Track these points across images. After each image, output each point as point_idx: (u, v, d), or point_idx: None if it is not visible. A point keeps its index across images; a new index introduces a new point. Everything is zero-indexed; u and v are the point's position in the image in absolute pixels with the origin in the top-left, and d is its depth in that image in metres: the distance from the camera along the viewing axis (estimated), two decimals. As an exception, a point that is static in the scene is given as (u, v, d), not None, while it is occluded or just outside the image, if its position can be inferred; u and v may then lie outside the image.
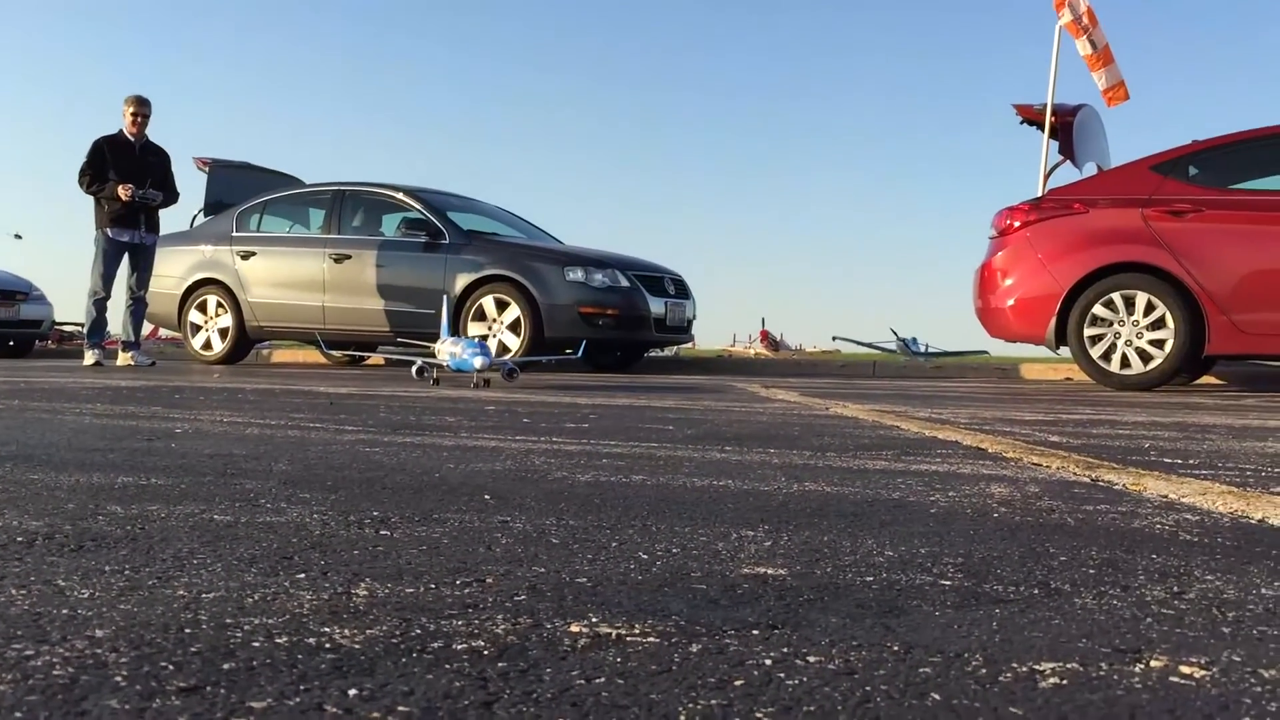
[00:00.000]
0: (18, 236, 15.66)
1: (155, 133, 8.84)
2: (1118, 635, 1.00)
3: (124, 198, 8.44)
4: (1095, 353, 6.68)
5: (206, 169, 10.35)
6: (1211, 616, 1.08)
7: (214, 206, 10.19)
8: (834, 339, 15.34)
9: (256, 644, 0.92)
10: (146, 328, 10.07)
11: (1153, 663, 0.91)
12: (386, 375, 7.75)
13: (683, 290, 9.51)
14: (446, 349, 6.21)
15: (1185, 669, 0.90)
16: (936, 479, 2.15)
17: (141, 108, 8.69)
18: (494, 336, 8.46)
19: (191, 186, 12.98)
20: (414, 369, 6.20)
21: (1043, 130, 7.61)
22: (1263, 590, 1.20)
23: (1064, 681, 0.86)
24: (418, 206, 9.18)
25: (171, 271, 9.67)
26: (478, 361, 5.66)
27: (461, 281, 8.63)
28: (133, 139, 8.67)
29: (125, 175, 8.50)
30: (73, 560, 1.26)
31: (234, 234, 9.75)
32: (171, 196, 8.92)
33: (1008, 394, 6.26)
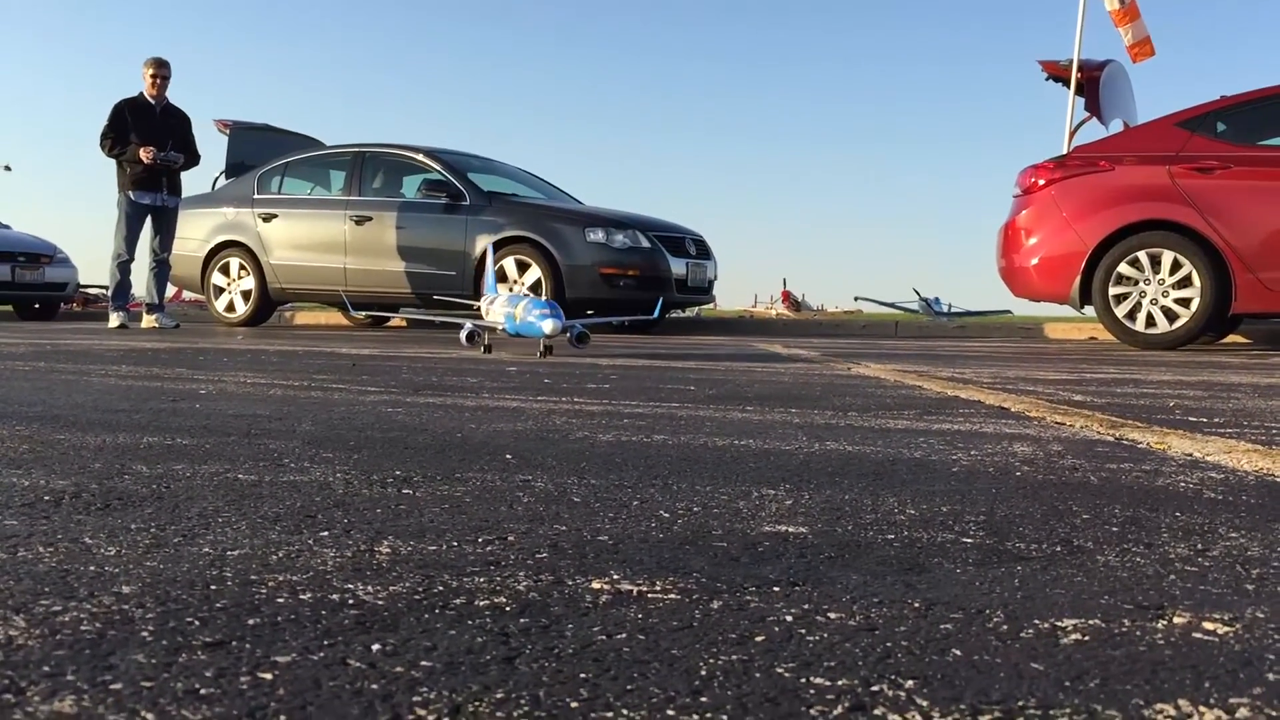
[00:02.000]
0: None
1: (175, 95, 8.85)
2: (1140, 592, 1.00)
3: (146, 160, 8.46)
4: (1120, 312, 6.63)
5: (227, 131, 10.36)
6: (1235, 574, 1.07)
7: (235, 168, 10.20)
8: (856, 299, 15.31)
9: (281, 600, 0.93)
10: (170, 290, 10.12)
11: (1176, 619, 0.91)
12: (409, 337, 7.78)
13: (704, 251, 9.47)
14: (500, 309, 5.29)
15: (1209, 625, 0.89)
16: (959, 438, 2.14)
17: (161, 70, 8.70)
18: (515, 298, 8.45)
19: (212, 149, 12.97)
20: (463, 334, 5.11)
21: (1068, 87, 7.52)
22: (1288, 548, 1.19)
23: (1086, 638, 0.86)
24: (438, 168, 9.17)
25: (194, 234, 9.71)
26: (548, 325, 4.67)
27: (482, 243, 8.62)
28: (153, 101, 8.68)
29: (146, 138, 8.53)
30: (99, 519, 1.27)
31: (255, 196, 9.77)
32: (193, 159, 8.94)
33: (1031, 353, 6.22)
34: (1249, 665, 0.79)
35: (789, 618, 0.90)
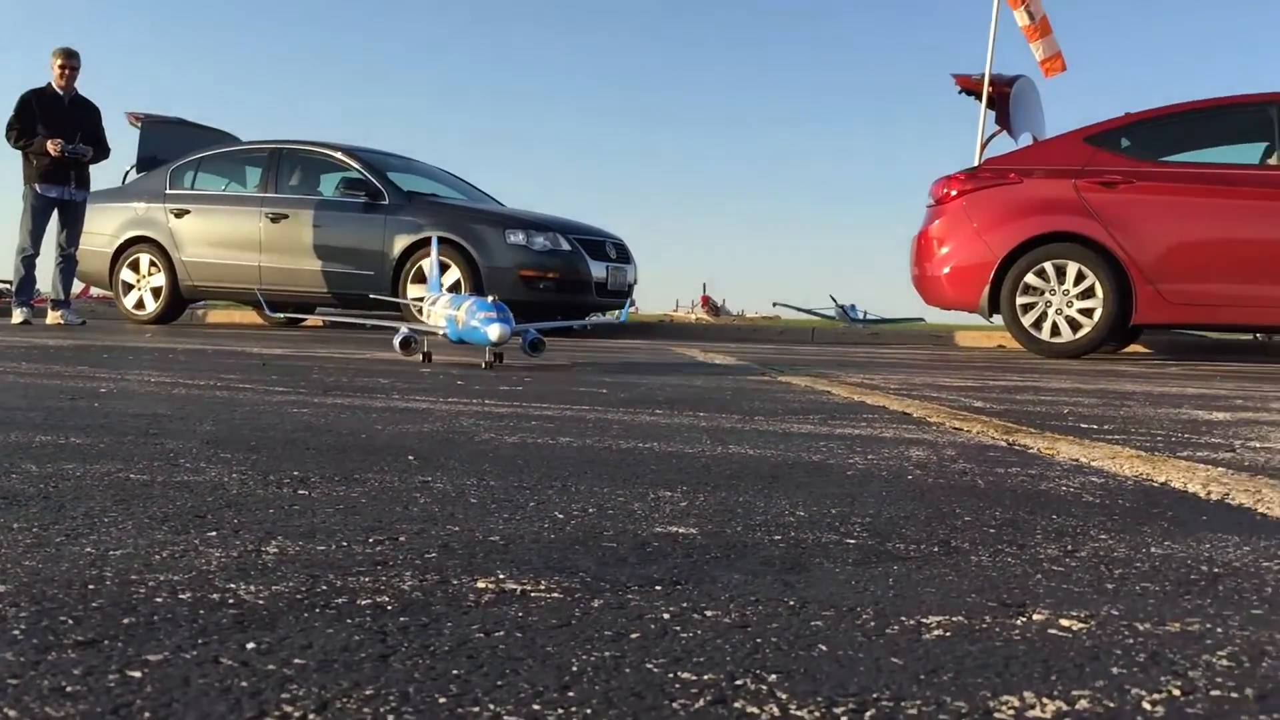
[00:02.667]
0: None
1: (85, 86, 8.64)
2: (1006, 590, 1.04)
3: (53, 153, 8.26)
4: (1027, 321, 6.80)
5: (139, 124, 10.15)
6: (1099, 573, 1.12)
7: (147, 163, 10.00)
8: (774, 305, 15.47)
9: (159, 599, 0.93)
10: (77, 286, 9.89)
11: (1035, 616, 0.95)
12: (324, 337, 7.69)
13: (624, 254, 9.51)
14: (442, 311, 4.62)
15: (1065, 622, 0.93)
16: (858, 442, 2.19)
17: (70, 60, 8.49)
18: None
19: (123, 142, 12.70)
20: (397, 339, 4.30)
21: (980, 100, 7.69)
22: (1152, 549, 1.25)
23: (947, 634, 0.89)
24: (357, 166, 9.08)
25: (103, 229, 9.49)
26: (494, 331, 4.00)
27: (400, 243, 8.57)
28: (61, 93, 8.47)
29: (54, 130, 8.32)
30: (-19, 518, 1.25)
31: (167, 191, 9.59)
32: (102, 152, 8.74)
33: (940, 361, 6.35)
34: (1096, 660, 0.83)
35: (666, 615, 0.92)
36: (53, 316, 8.73)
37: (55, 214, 8.55)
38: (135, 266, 9.62)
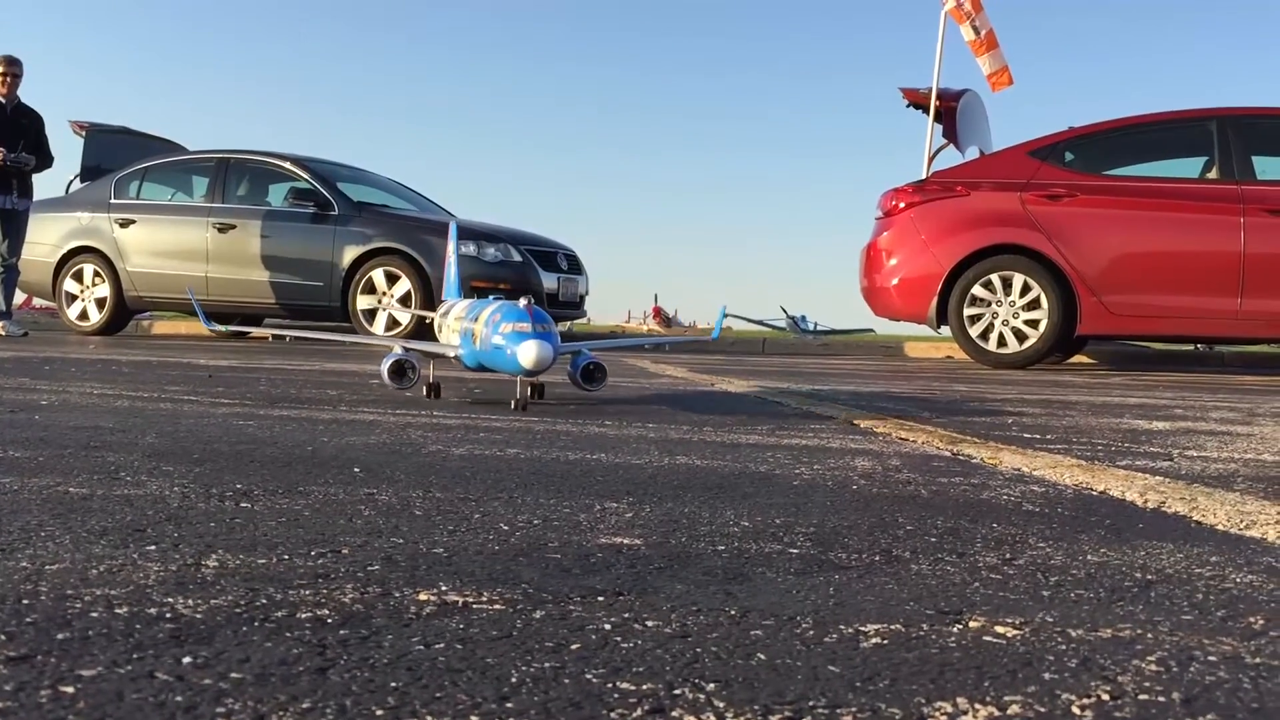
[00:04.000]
0: None
1: (27, 94, 8.51)
2: (944, 598, 1.05)
3: (-6, 161, 8.10)
4: (974, 332, 6.89)
5: (84, 133, 10.00)
6: (1035, 580, 1.14)
7: (91, 172, 9.85)
8: (725, 316, 15.52)
9: (95, 614, 0.92)
10: (19, 297, 9.71)
11: (971, 623, 0.97)
12: (272, 349, 7.61)
13: (575, 266, 9.50)
14: (455, 324, 3.34)
15: (1000, 629, 0.95)
16: (805, 453, 2.21)
17: (11, 67, 8.36)
18: (384, 310, 8.36)
19: (67, 151, 12.50)
20: (386, 365, 3.04)
21: (928, 114, 7.79)
22: (1089, 556, 1.27)
23: (885, 642, 0.90)
24: (306, 176, 9.01)
25: (46, 239, 9.33)
26: (529, 354, 2.71)
27: (350, 254, 8.50)
28: (3, 101, 8.33)
29: (-5, 138, 8.17)
30: (-87, 533, 1.23)
31: (112, 201, 9.44)
32: (45, 160, 8.60)
33: (889, 371, 6.41)
34: (1028, 665, 0.85)
35: (607, 626, 0.93)
36: (-7, 327, 8.56)
37: (-3, 223, 8.40)
38: (79, 277, 9.46)
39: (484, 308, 3.06)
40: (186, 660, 0.81)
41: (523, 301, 2.86)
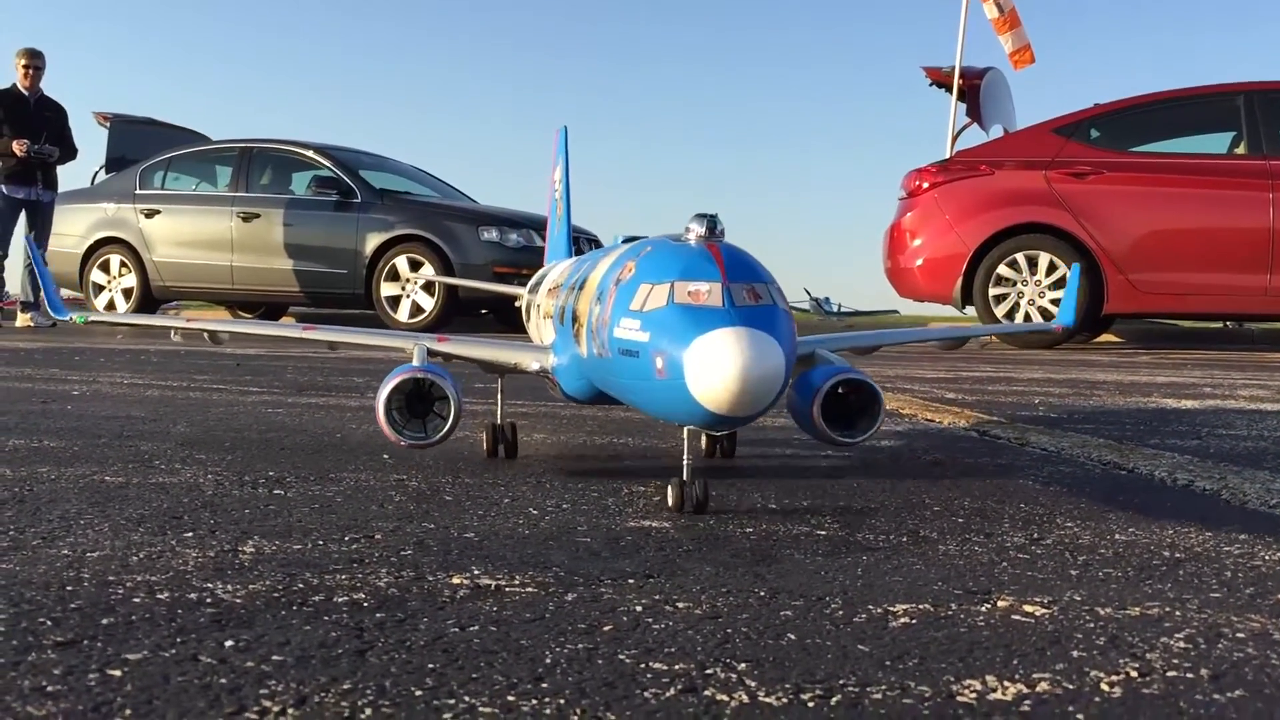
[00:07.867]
0: None
1: (50, 86, 8.57)
2: (972, 578, 1.06)
3: (19, 153, 8.17)
4: (999, 312, 6.85)
5: (108, 124, 10.06)
6: (1063, 560, 1.14)
7: (116, 163, 9.91)
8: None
9: (137, 600, 0.94)
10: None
11: (999, 603, 0.97)
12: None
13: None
14: (556, 301, 1.79)
15: (1028, 608, 0.96)
16: (830, 435, 2.21)
17: (34, 60, 8.41)
18: (407, 297, 8.40)
19: (92, 143, 12.60)
20: (384, 398, 1.57)
21: (951, 93, 7.74)
22: (1116, 536, 1.28)
23: (913, 621, 0.91)
24: (328, 164, 9.03)
25: (72, 230, 9.40)
26: (730, 368, 1.18)
27: (373, 241, 8.53)
28: (26, 93, 8.39)
29: (19, 130, 8.23)
30: (-44, 522, 1.25)
31: (137, 191, 9.50)
32: (69, 152, 8.65)
33: (914, 352, 6.39)
34: (1057, 643, 0.86)
35: (639, 608, 0.94)
36: (22, 319, 8.65)
37: (23, 215, 8.47)
38: (105, 267, 9.54)
39: (602, 258, 1.62)
40: (229, 644, 0.82)
41: (693, 233, 1.37)
